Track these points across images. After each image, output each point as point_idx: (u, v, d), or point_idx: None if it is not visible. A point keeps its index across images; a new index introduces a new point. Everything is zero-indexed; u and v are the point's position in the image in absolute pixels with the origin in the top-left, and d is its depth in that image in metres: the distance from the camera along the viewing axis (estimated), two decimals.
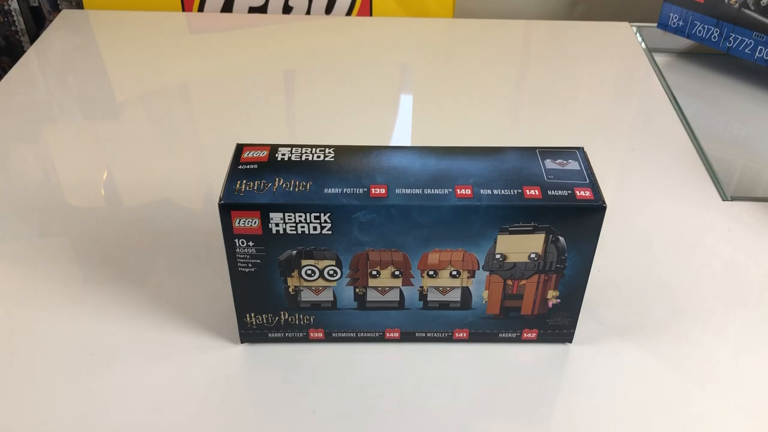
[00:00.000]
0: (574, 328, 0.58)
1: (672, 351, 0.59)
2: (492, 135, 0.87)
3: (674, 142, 0.87)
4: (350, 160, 0.53)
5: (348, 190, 0.50)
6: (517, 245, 0.52)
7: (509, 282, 0.55)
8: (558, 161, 0.53)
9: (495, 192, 0.51)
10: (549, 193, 0.51)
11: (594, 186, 0.52)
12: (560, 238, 0.52)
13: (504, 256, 0.53)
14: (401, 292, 0.55)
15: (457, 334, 0.59)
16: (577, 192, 0.51)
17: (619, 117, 0.92)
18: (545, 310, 0.57)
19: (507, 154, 0.55)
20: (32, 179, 0.78)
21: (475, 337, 0.59)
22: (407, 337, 0.59)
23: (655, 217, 0.75)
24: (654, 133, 0.88)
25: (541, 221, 0.51)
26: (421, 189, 0.51)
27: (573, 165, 0.53)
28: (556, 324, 0.58)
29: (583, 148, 0.55)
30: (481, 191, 0.51)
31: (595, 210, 0.50)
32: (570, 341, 0.59)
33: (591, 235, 0.52)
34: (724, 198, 0.77)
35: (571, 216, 0.51)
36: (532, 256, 0.53)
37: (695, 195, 0.78)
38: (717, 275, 0.67)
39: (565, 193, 0.51)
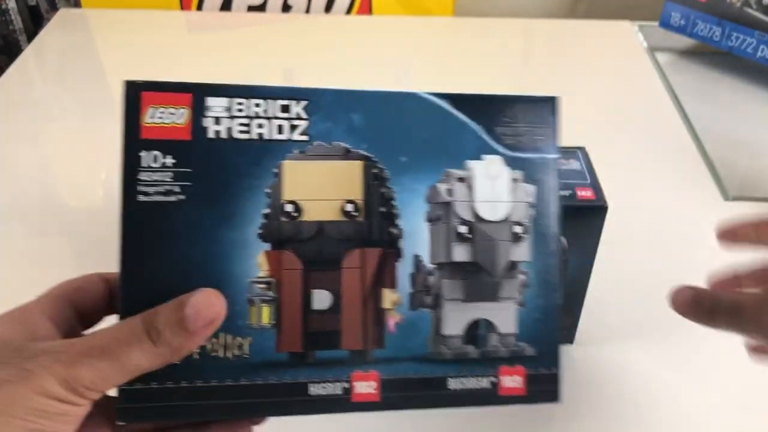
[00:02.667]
0: (575, 329, 0.57)
1: (674, 351, 0.59)
2: None
3: (676, 141, 0.85)
4: None
5: None
6: None
7: None
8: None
9: None
10: None
11: (595, 186, 0.50)
12: (561, 238, 0.48)
13: None
14: None
15: None
16: (579, 192, 0.50)
17: (621, 116, 0.90)
18: None
19: None
20: (30, 179, 0.79)
21: None
22: None
23: (656, 217, 0.74)
24: (655, 132, 0.87)
25: None
26: None
27: (574, 165, 0.52)
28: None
29: (584, 148, 0.54)
30: None
31: (597, 210, 0.49)
32: (571, 342, 0.58)
33: (592, 235, 0.51)
34: (726, 198, 0.77)
35: (572, 216, 0.47)
36: None
37: (697, 195, 0.77)
38: None
39: (566, 192, 0.50)
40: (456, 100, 0.38)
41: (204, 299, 0.34)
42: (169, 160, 0.35)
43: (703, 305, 0.41)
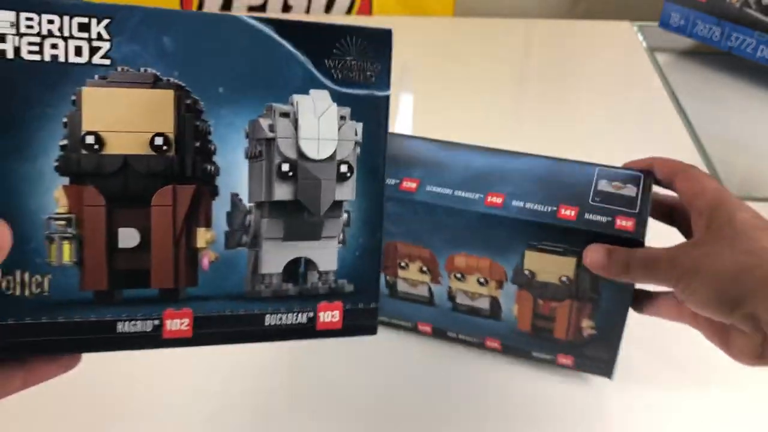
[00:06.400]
0: (614, 363, 0.49)
1: (675, 352, 0.55)
2: (492, 134, 0.77)
3: (675, 141, 0.81)
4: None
5: None
6: (547, 264, 0.46)
7: (540, 301, 0.48)
8: (614, 184, 0.46)
9: (527, 205, 0.45)
10: (585, 216, 0.44)
11: (640, 218, 0.44)
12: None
13: (533, 273, 0.47)
14: (430, 289, 0.50)
15: (489, 343, 0.52)
16: (618, 221, 0.43)
17: (620, 116, 0.86)
18: (581, 339, 0.49)
19: (564, 166, 0.48)
20: None
21: (507, 350, 0.52)
22: (439, 333, 0.53)
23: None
24: (655, 132, 0.83)
25: (572, 244, 0.44)
26: (452, 190, 0.46)
27: (629, 191, 0.46)
28: (594, 356, 0.49)
29: (652, 173, 0.47)
30: (513, 202, 0.45)
31: (631, 245, 0.42)
32: (610, 376, 0.50)
33: None
34: None
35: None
36: (563, 279, 0.46)
37: None
38: None
39: (604, 219, 0.43)
40: (282, 27, 0.33)
41: None
42: None
43: (618, 260, 0.41)
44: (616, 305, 0.46)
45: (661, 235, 0.48)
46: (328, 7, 1.09)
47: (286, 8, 1.09)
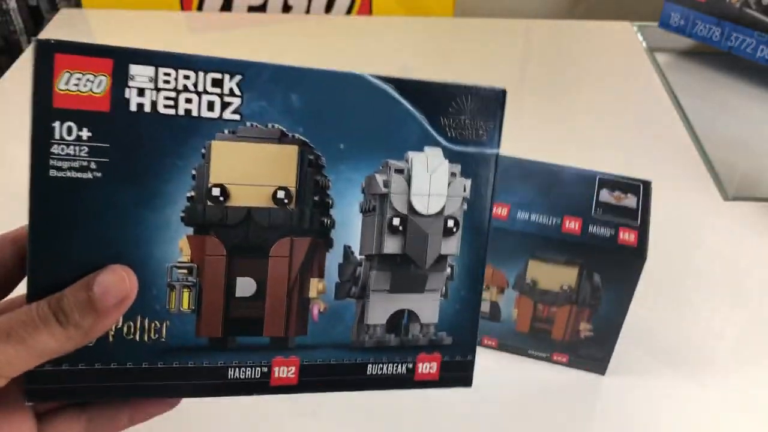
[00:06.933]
0: (608, 362, 0.52)
1: (674, 351, 0.56)
2: None
3: (675, 141, 0.82)
4: None
5: None
6: (549, 273, 0.48)
7: (540, 305, 0.50)
8: (615, 194, 0.47)
9: (532, 217, 0.46)
10: (590, 229, 0.45)
11: (642, 230, 0.46)
12: (595, 275, 0.47)
13: (534, 282, 0.49)
14: None
15: (486, 341, 0.54)
16: (621, 234, 0.45)
17: (620, 117, 0.86)
18: (577, 339, 0.51)
19: (565, 174, 0.49)
20: None
21: (504, 348, 0.54)
22: None
23: (655, 217, 0.72)
24: (655, 132, 0.83)
25: (576, 256, 0.46)
26: None
27: (630, 201, 0.47)
28: (589, 355, 0.52)
29: (650, 183, 0.49)
30: (518, 214, 0.47)
31: (634, 258, 0.45)
32: (603, 373, 0.53)
33: (628, 279, 0.46)
34: (726, 198, 0.73)
35: (608, 258, 0.45)
36: (564, 287, 0.48)
37: (696, 195, 0.73)
38: (718, 276, 0.63)
39: (608, 233, 0.45)
40: (401, 85, 0.33)
41: (112, 277, 0.30)
42: (85, 133, 0.30)
43: None
44: (615, 311, 0.48)
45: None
46: (328, 7, 1.09)
47: (287, 8, 1.09)
